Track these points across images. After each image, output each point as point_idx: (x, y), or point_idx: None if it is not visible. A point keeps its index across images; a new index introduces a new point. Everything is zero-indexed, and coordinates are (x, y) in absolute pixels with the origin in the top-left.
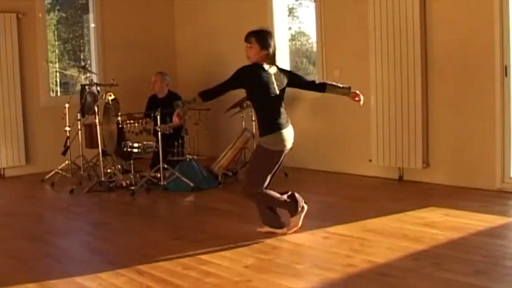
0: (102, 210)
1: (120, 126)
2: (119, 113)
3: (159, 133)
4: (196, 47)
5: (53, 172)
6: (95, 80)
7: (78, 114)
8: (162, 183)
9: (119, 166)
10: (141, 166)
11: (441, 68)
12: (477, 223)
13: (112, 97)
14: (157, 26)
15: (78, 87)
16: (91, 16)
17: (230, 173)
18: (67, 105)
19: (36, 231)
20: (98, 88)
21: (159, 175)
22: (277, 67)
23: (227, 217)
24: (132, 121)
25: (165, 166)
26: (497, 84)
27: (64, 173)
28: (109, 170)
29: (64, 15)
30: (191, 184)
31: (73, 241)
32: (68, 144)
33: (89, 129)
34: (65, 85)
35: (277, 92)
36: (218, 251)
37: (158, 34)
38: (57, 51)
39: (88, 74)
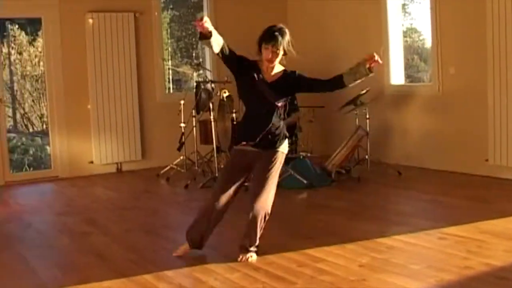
0: None
1: (234, 122)
2: (234, 110)
3: None
4: (306, 46)
5: (168, 167)
6: (209, 77)
7: (193, 111)
8: None
9: None
10: None
11: None
12: None
13: (227, 94)
14: (269, 23)
15: (192, 84)
16: (204, 14)
17: (344, 171)
18: (182, 102)
19: (152, 225)
20: (213, 85)
21: None
22: None
23: (341, 215)
24: None
25: None
26: None
27: (179, 168)
28: (222, 166)
29: (177, 13)
30: (305, 182)
31: None
32: (183, 140)
33: (204, 126)
34: (177, 82)
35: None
36: (332, 249)
37: None
38: (169, 49)
39: (200, 71)
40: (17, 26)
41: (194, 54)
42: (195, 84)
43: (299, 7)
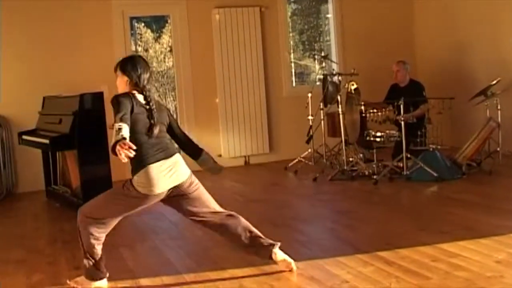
0: (345, 198)
1: (363, 115)
2: (362, 102)
3: (402, 122)
4: (435, 35)
5: (296, 160)
6: (336, 70)
7: (321, 104)
8: (405, 172)
9: (361, 155)
10: (382, 156)
11: None
12: None
13: (355, 86)
14: (395, 15)
15: (315, 77)
16: (330, 6)
17: (474, 164)
18: (309, 95)
19: (282, 217)
20: (340, 77)
21: (401, 164)
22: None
23: (473, 209)
24: (375, 110)
25: (408, 155)
26: None
27: (306, 161)
28: (351, 159)
29: (299, 7)
30: (435, 174)
31: (318, 228)
32: (311, 133)
33: (332, 118)
34: (300, 75)
35: None
36: (466, 244)
37: (396, 23)
38: (291, 42)
39: (323, 64)
40: (143, 24)
41: (316, 47)
42: (321, 77)
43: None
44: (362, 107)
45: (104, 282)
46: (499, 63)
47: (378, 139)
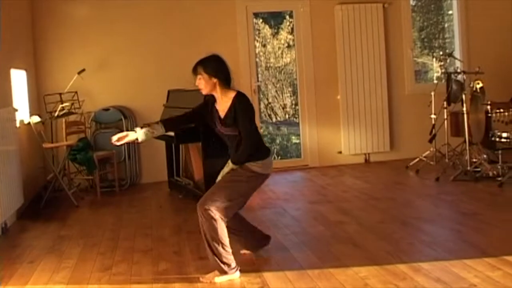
0: (469, 199)
1: (488, 114)
2: (488, 102)
3: None
4: None
5: (417, 159)
6: (460, 68)
7: (444, 102)
8: None
9: (485, 156)
10: (508, 157)
11: None
12: None
13: (480, 85)
14: None
15: (435, 76)
16: (454, 3)
17: None
18: (432, 93)
19: (405, 216)
20: (464, 76)
21: None
22: None
23: None
24: (501, 110)
25: None
26: None
27: (428, 161)
28: (474, 160)
29: (418, 3)
30: None
31: (443, 229)
32: (434, 132)
33: (455, 117)
34: (417, 73)
35: None
36: None
37: None
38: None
39: (443, 62)
40: (261, 20)
41: (436, 45)
42: (440, 75)
43: None
44: (488, 107)
45: (237, 274)
46: None
47: (503, 140)
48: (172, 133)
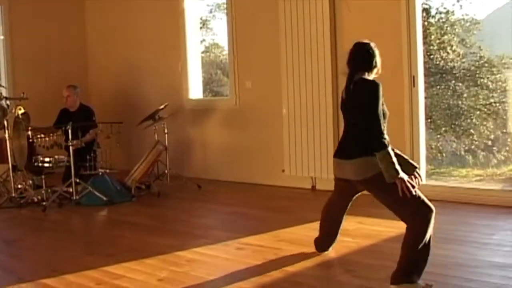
0: (13, 226)
1: (30, 140)
2: (29, 127)
3: (71, 147)
4: (107, 60)
5: None
6: (4, 94)
7: None
8: (74, 198)
9: (30, 182)
10: (53, 181)
11: None
12: (388, 230)
13: (22, 111)
14: (67, 38)
15: None
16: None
17: (143, 186)
18: None
19: None
20: (8, 102)
21: (71, 189)
22: None
23: (141, 231)
24: (43, 135)
25: (77, 180)
26: (406, 95)
27: None
28: (20, 186)
29: None
30: (104, 198)
31: None
32: None
33: None
34: None
35: None
36: (131, 265)
37: (68, 46)
38: None
39: None
40: None
41: None
42: None
43: (96, 9)
44: (29, 132)
45: None
46: (167, 88)
47: (46, 165)
48: None
